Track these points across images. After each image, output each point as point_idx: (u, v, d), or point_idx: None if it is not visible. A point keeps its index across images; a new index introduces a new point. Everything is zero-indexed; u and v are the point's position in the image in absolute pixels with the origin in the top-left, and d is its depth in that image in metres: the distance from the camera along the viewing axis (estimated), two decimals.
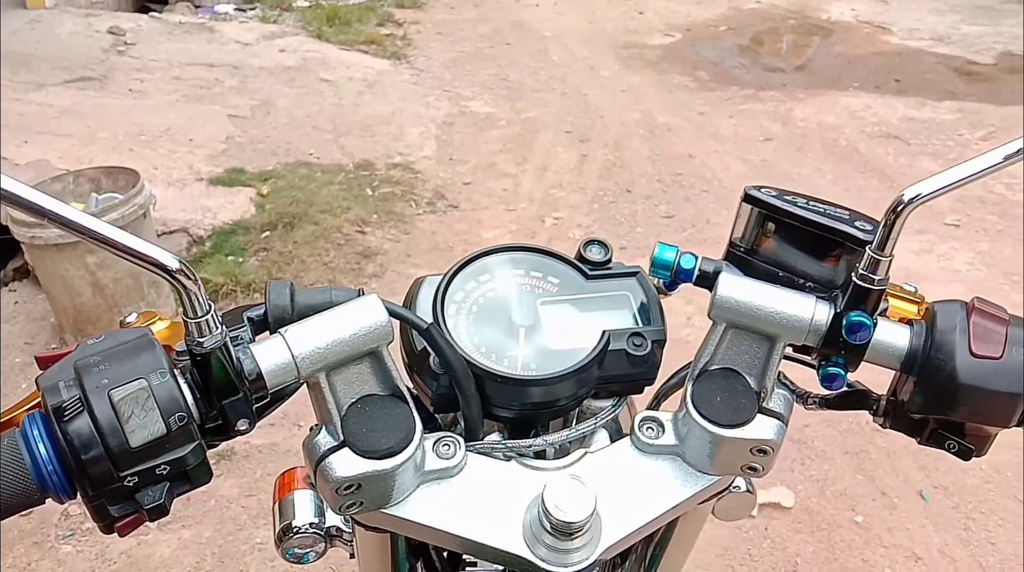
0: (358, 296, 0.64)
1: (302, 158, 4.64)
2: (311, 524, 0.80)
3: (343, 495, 0.61)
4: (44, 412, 0.54)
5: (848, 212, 0.72)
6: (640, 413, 0.69)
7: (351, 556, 0.83)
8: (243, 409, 0.58)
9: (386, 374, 0.64)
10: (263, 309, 0.65)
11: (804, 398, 0.74)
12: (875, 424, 0.72)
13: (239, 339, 0.61)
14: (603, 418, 0.72)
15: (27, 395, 0.64)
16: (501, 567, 0.68)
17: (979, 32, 6.93)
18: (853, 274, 0.63)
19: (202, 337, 0.55)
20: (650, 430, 0.68)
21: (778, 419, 0.66)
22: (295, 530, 0.80)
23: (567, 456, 0.68)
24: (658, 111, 5.46)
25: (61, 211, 0.50)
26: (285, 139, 4.85)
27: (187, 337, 0.55)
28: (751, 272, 0.73)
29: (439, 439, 0.66)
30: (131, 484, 0.55)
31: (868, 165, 4.70)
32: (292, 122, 5.10)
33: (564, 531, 0.60)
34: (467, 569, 0.90)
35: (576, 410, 0.73)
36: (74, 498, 0.55)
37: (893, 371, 0.67)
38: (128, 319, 0.69)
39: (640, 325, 0.71)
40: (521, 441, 0.68)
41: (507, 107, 5.51)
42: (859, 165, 4.70)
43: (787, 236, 0.72)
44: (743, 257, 0.75)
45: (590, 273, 0.75)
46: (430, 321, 0.67)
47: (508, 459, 0.68)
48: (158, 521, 2.33)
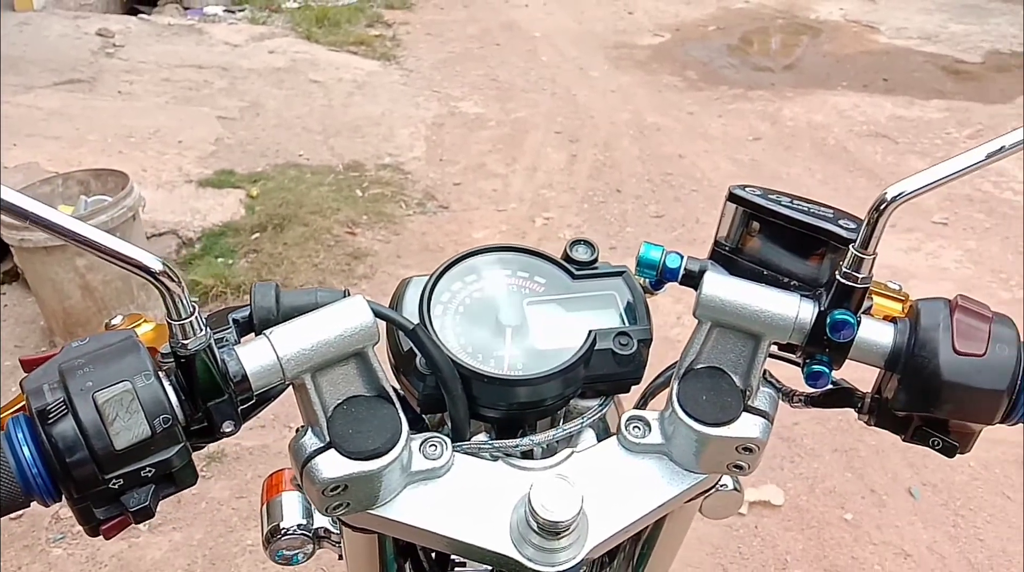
0: (344, 297, 0.64)
1: (292, 159, 4.63)
2: (299, 525, 0.80)
3: (329, 496, 0.61)
4: (28, 415, 0.54)
5: (832, 210, 0.72)
6: (626, 412, 0.69)
7: (340, 557, 0.83)
8: (228, 411, 0.58)
9: (372, 375, 0.64)
10: (248, 311, 0.65)
11: (789, 396, 0.74)
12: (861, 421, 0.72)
13: (224, 341, 0.61)
14: (589, 417, 0.72)
15: (12, 398, 0.63)
16: (489, 567, 0.68)
17: (966, 31, 6.96)
18: (837, 272, 0.63)
19: (186, 339, 0.55)
20: (636, 429, 0.68)
21: (763, 417, 0.67)
22: (283, 532, 0.80)
23: (554, 456, 0.68)
24: (647, 111, 5.47)
25: (43, 214, 0.50)
26: (275, 140, 4.84)
27: (171, 339, 0.55)
28: (736, 271, 0.73)
29: (426, 440, 0.66)
30: (116, 486, 0.54)
31: (856, 164, 4.71)
32: (282, 123, 5.09)
33: (551, 531, 0.60)
34: (456, 570, 0.90)
35: (563, 410, 0.74)
36: (59, 501, 0.55)
37: (878, 369, 0.68)
38: (113, 321, 0.69)
39: (626, 324, 0.71)
40: (508, 441, 0.68)
41: (497, 107, 5.51)
42: (848, 164, 4.72)
43: (772, 235, 0.72)
44: (728, 256, 0.75)
45: (576, 273, 0.75)
46: (416, 322, 0.67)
47: (495, 459, 0.68)
48: (149, 523, 2.35)
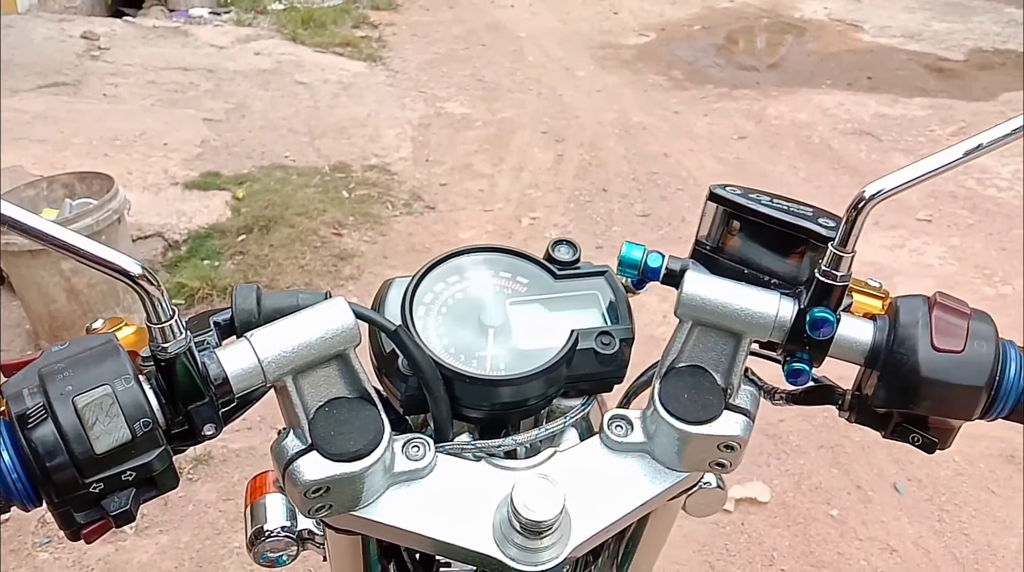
0: (325, 299, 0.64)
1: (278, 161, 4.62)
2: (283, 527, 0.80)
3: (312, 498, 0.61)
4: (8, 420, 0.54)
5: (812, 209, 0.72)
6: (609, 411, 0.70)
7: (324, 559, 0.83)
8: (209, 414, 0.58)
9: (354, 377, 0.64)
10: (229, 313, 0.65)
11: (771, 394, 0.74)
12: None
13: (205, 344, 0.61)
14: (572, 417, 0.72)
15: None
16: (473, 567, 0.68)
17: (949, 29, 7.00)
18: (816, 270, 0.63)
19: (166, 342, 0.55)
20: (619, 428, 0.68)
21: (745, 415, 0.67)
22: (267, 534, 0.80)
23: (537, 455, 0.68)
24: (633, 110, 5.48)
25: (21, 218, 0.49)
26: (260, 142, 4.83)
27: (151, 342, 0.55)
28: (717, 270, 0.73)
29: (408, 441, 0.66)
30: (96, 491, 0.54)
31: (841, 162, 4.74)
32: (267, 125, 5.08)
33: (533, 530, 0.61)
34: (441, 570, 0.90)
35: (546, 410, 0.74)
36: (39, 506, 0.55)
37: (858, 366, 0.68)
38: (95, 325, 0.68)
39: (608, 324, 0.72)
40: (491, 441, 0.68)
41: (483, 108, 5.51)
42: (832, 162, 4.74)
43: (752, 234, 0.72)
44: (709, 255, 0.75)
45: (558, 273, 0.75)
46: (398, 323, 0.67)
47: (478, 459, 0.68)
48: (136, 526, 2.34)
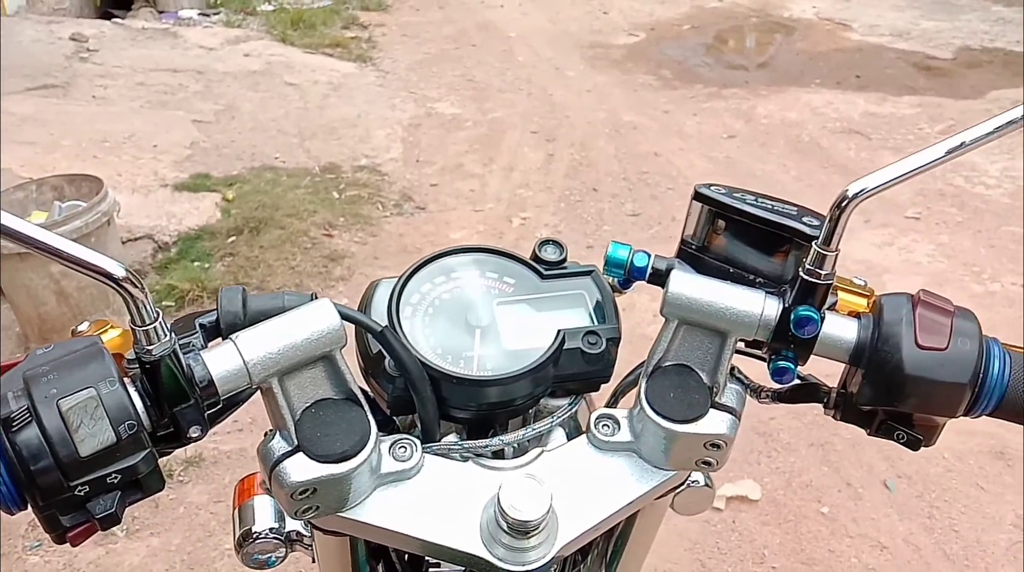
0: (311, 300, 0.64)
1: (268, 162, 4.61)
2: (271, 529, 0.80)
3: (298, 500, 0.61)
4: None
5: (796, 208, 0.72)
6: (596, 411, 0.70)
7: (313, 561, 0.83)
8: (195, 416, 0.58)
9: (340, 378, 0.64)
10: (215, 315, 0.65)
11: (757, 392, 0.74)
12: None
13: (190, 346, 0.61)
14: (559, 417, 0.72)
15: None
16: (461, 568, 0.68)
17: (938, 27, 7.03)
18: (800, 269, 0.64)
19: (150, 345, 0.55)
20: (606, 427, 0.69)
21: (731, 413, 0.67)
22: (255, 536, 0.80)
23: (524, 455, 0.69)
24: (623, 110, 5.48)
25: (3, 221, 0.49)
26: (250, 143, 4.82)
27: (135, 345, 0.55)
28: (703, 269, 0.73)
29: (395, 442, 0.66)
30: (82, 493, 0.54)
31: (830, 160, 4.75)
32: (257, 126, 5.07)
33: (520, 530, 0.61)
34: (431, 570, 0.90)
35: (534, 409, 0.74)
36: (24, 509, 0.55)
37: (843, 364, 0.68)
38: (80, 328, 0.68)
39: (595, 323, 0.72)
40: (478, 442, 0.69)
41: (473, 108, 5.51)
42: (822, 160, 4.76)
43: (737, 233, 0.73)
44: (695, 254, 0.75)
45: (545, 273, 0.75)
46: (385, 324, 0.67)
47: (465, 460, 0.68)
48: (127, 529, 2.33)
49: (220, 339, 0.63)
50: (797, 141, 5.00)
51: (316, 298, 0.65)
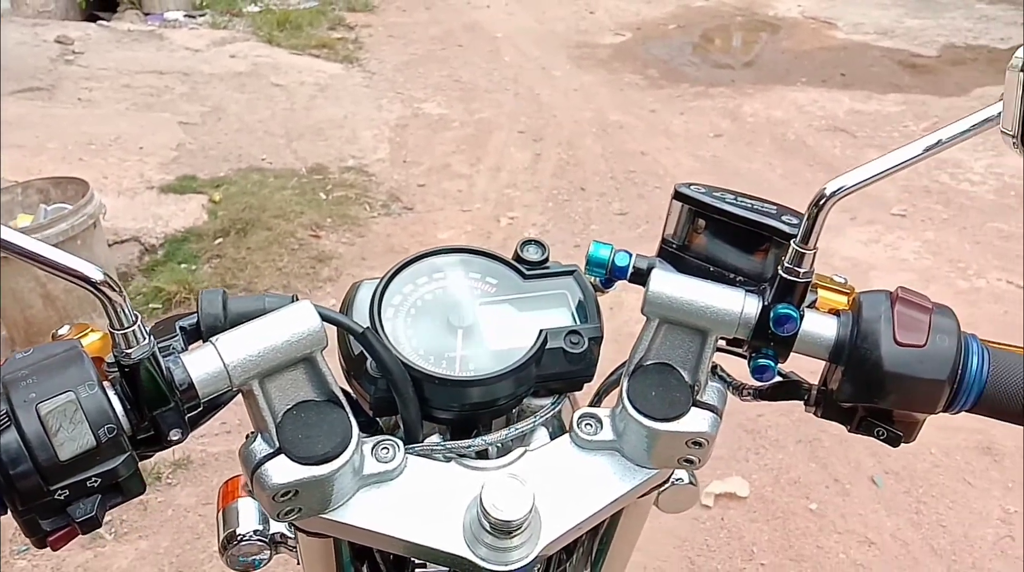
0: (291, 302, 0.64)
1: (254, 164, 4.60)
2: (255, 531, 0.80)
3: (280, 502, 0.61)
4: None
5: (776, 207, 0.73)
6: (578, 410, 0.70)
7: (298, 563, 0.83)
8: (175, 419, 0.58)
9: (321, 380, 0.63)
10: (196, 318, 0.65)
11: (739, 390, 0.75)
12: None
13: (170, 349, 0.61)
14: (542, 416, 0.72)
15: None
16: (445, 568, 0.68)
17: (922, 25, 7.06)
18: (779, 267, 0.64)
19: (129, 348, 0.55)
20: (588, 426, 0.69)
21: (712, 412, 0.67)
22: (239, 538, 0.80)
23: (507, 455, 0.69)
24: (610, 109, 5.49)
25: None
26: (237, 145, 4.81)
27: (114, 348, 0.55)
28: (683, 268, 0.74)
29: (378, 443, 0.66)
30: (62, 498, 0.54)
31: (816, 158, 4.77)
32: (244, 128, 5.06)
33: (503, 530, 0.61)
34: (416, 571, 0.90)
35: (517, 409, 0.74)
36: (4, 513, 0.55)
37: (824, 361, 0.69)
38: (60, 331, 0.68)
39: (577, 323, 0.72)
40: (461, 442, 0.69)
41: (460, 108, 5.51)
42: (808, 158, 4.77)
43: (717, 232, 0.73)
44: (675, 253, 0.76)
45: (527, 273, 0.75)
46: (366, 325, 0.67)
47: (448, 460, 0.68)
48: (115, 532, 2.32)
49: (200, 342, 0.63)
50: (783, 139, 5.02)
51: (297, 300, 0.64)
